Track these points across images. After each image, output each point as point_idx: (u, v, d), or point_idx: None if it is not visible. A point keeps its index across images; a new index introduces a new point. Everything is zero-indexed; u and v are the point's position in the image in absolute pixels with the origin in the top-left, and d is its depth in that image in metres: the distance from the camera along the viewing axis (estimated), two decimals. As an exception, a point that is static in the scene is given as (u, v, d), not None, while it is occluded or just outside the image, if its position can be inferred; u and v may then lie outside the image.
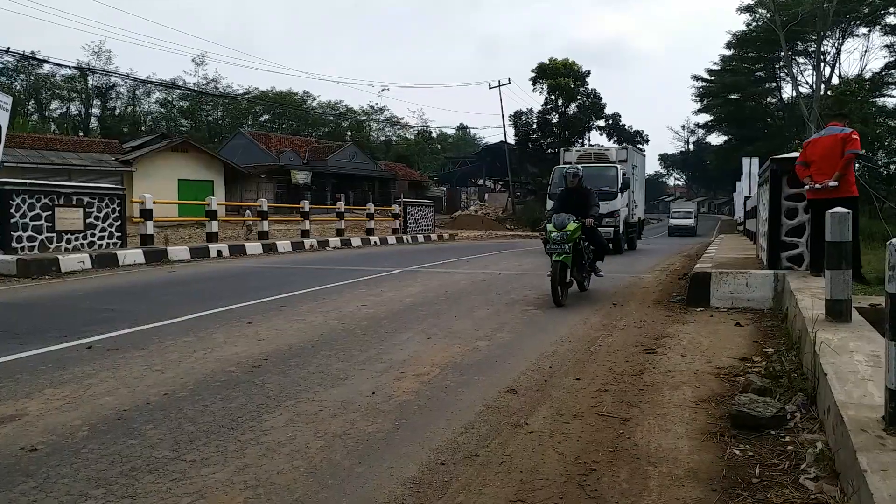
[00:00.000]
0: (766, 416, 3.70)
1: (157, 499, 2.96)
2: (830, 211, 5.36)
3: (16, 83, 53.79)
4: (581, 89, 52.15)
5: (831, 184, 7.23)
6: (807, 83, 49.47)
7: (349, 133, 68.40)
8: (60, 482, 3.13)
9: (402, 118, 74.96)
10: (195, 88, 58.88)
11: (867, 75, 45.37)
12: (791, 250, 8.34)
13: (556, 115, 52.06)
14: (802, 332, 5.07)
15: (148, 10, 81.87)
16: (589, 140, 57.72)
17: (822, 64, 45.32)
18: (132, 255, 14.00)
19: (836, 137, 7.42)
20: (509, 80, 57.97)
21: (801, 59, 50.21)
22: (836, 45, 46.85)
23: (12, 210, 12.39)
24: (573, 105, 52.30)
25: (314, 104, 70.84)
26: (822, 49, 44.76)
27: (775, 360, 5.06)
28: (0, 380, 4.85)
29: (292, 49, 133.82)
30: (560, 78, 50.33)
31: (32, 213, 12.75)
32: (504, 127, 50.13)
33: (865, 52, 54.94)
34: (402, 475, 3.22)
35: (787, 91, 55.16)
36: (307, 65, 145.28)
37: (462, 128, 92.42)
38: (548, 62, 51.52)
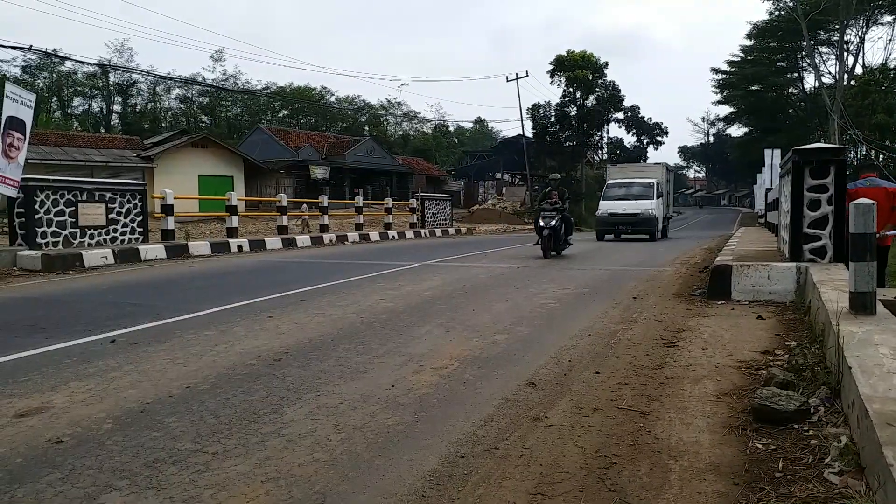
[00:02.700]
0: (788, 409, 3.66)
1: (180, 490, 3.00)
2: (855, 202, 5.28)
3: (39, 81, 54.47)
4: (599, 81, 51.75)
5: (889, 233, 7.64)
6: (829, 73, 48.77)
7: (367, 128, 68.50)
8: (86, 473, 3.18)
9: (420, 112, 74.95)
10: (214, 84, 59.27)
11: (892, 64, 44.63)
12: (814, 242, 8.23)
13: (575, 108, 51.72)
14: (826, 324, 5.00)
15: (167, 6, 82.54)
16: (608, 132, 57.34)
17: (846, 53, 44.59)
18: (154, 250, 14.16)
19: (887, 191, 7.89)
20: (527, 72, 57.70)
21: (823, 49, 49.49)
22: (859, 33, 46.12)
23: (37, 206, 12.57)
24: (591, 97, 51.93)
25: (332, 99, 71.04)
26: (845, 38, 44.02)
27: (798, 354, 5.00)
28: (26, 373, 4.93)
29: (309, 44, 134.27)
30: (578, 70, 49.99)
31: (56, 209, 12.93)
32: (522, 120, 50.07)
33: (890, 40, 53.89)
34: (422, 468, 3.23)
35: (810, 81, 54.45)
36: (324, 59, 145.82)
37: (479, 121, 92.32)
38: (566, 54, 51.19)
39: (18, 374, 4.92)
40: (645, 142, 57.02)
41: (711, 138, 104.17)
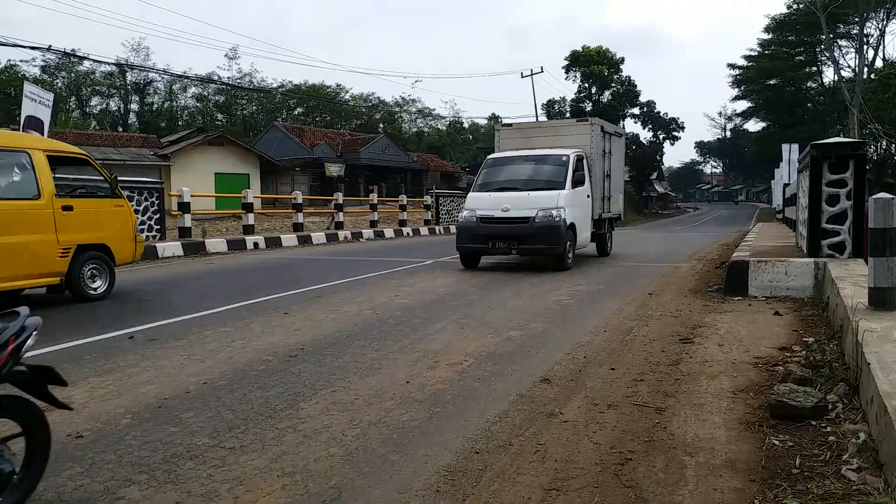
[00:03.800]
0: (806, 406, 3.63)
1: (197, 485, 3.03)
2: (874, 196, 5.23)
3: (57, 80, 55.04)
4: (615, 77, 51.53)
5: None
6: (849, 67, 48.13)
7: (381, 125, 68.59)
8: (105, 467, 3.22)
9: (434, 109, 74.93)
10: (230, 83, 59.61)
11: (913, 57, 43.95)
12: (832, 238, 8.15)
13: (590, 104, 51.51)
14: (844, 320, 4.95)
15: (182, 5, 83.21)
16: (624, 128, 56.89)
17: (865, 46, 44.00)
18: (171, 247, 14.28)
19: None
20: (542, 68, 57.42)
21: (843, 42, 48.84)
22: (880, 26, 45.47)
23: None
24: (607, 93, 51.74)
25: (347, 97, 71.17)
26: (864, 31, 43.43)
27: (816, 350, 4.96)
28: (47, 369, 5.00)
29: (324, 41, 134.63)
30: (593, 65, 49.79)
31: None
32: (536, 116, 49.83)
33: (911, 33, 53.18)
34: (437, 463, 3.24)
35: (829, 75, 53.79)
36: (339, 56, 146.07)
37: (494, 117, 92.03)
38: (581, 50, 51.01)
39: (39, 369, 4.98)
40: (661, 137, 56.63)
41: (728, 133, 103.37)
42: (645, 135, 57.32)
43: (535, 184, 11.66)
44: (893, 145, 38.82)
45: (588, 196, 12.48)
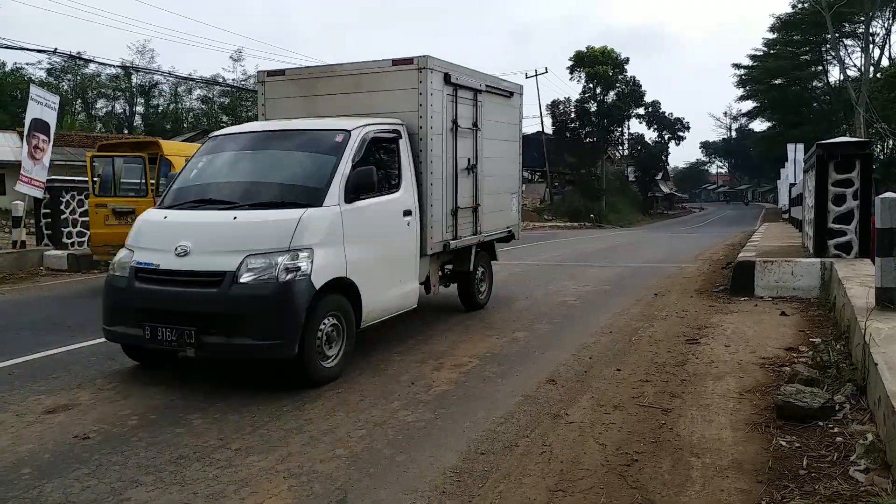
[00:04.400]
0: (813, 406, 3.62)
1: (203, 486, 3.03)
2: (881, 196, 5.20)
3: (63, 83, 55.27)
4: (620, 77, 51.35)
5: None
6: (855, 66, 47.93)
7: (386, 126, 68.58)
8: (112, 469, 3.23)
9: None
10: (235, 85, 59.74)
11: (919, 56, 43.70)
12: (839, 238, 8.11)
13: (595, 104, 51.39)
14: (851, 321, 4.93)
15: (187, 7, 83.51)
16: (628, 128, 56.61)
17: (871, 45, 43.79)
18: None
19: None
20: (546, 69, 57.16)
21: (848, 42, 48.59)
22: (885, 25, 45.21)
23: (62, 207, 12.75)
24: (612, 93, 51.55)
25: (351, 98, 71.28)
26: (870, 30, 43.24)
27: (823, 350, 4.94)
28: (54, 370, 5.02)
29: (328, 43, 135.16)
30: (598, 66, 49.65)
31: (81, 210, 13.09)
32: (541, 117, 49.64)
33: (918, 32, 52.84)
34: (443, 464, 3.24)
35: (834, 75, 53.57)
36: (343, 58, 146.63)
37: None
38: (585, 50, 50.88)
39: (46, 371, 5.01)
40: (666, 137, 56.43)
41: (734, 133, 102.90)
42: (650, 135, 57.10)
43: (265, 192, 5.31)
44: (900, 144, 38.66)
45: (407, 212, 6.02)
